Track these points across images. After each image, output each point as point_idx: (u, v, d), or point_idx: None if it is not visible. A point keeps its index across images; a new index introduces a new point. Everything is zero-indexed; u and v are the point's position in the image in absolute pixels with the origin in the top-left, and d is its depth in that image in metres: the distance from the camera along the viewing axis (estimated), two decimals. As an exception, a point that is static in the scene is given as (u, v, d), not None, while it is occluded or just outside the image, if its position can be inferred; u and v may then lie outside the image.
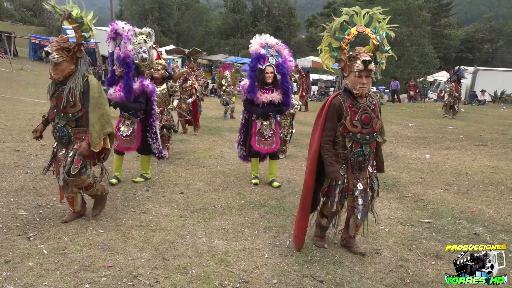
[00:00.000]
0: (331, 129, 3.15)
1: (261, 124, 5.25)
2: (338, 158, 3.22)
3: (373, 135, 3.21)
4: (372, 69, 3.03)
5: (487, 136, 10.77)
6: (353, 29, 3.08)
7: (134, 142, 5.13)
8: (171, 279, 2.88)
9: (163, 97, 6.48)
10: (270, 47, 5.22)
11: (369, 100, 3.21)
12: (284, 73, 5.12)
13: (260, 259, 3.28)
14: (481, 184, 5.94)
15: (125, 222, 3.89)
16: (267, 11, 51.37)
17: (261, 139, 5.25)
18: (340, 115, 3.14)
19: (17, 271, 2.87)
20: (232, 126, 11.31)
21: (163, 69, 6.49)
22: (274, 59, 5.15)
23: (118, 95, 4.97)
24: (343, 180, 3.23)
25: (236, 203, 4.66)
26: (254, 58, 5.15)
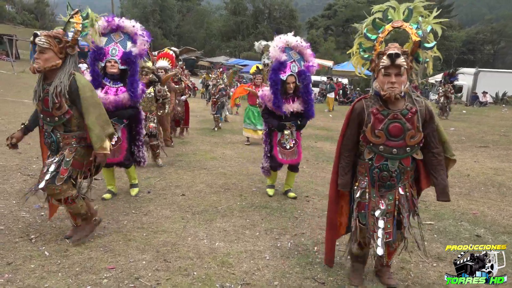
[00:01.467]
0: (349, 136, 2.81)
1: (281, 134, 4.82)
2: (362, 169, 2.82)
3: (405, 150, 2.64)
4: (401, 65, 2.52)
5: (488, 138, 10.75)
6: (388, 25, 2.69)
7: (119, 152, 4.52)
8: (173, 281, 2.88)
9: (148, 102, 6.00)
10: (292, 48, 4.70)
11: (407, 107, 2.63)
12: (307, 82, 4.63)
13: (261, 260, 3.28)
14: (482, 185, 5.93)
15: (126, 224, 3.89)
16: (268, 13, 51.49)
17: (282, 150, 4.82)
18: (361, 122, 2.72)
19: (19, 273, 2.88)
20: (233, 128, 11.32)
21: (150, 72, 6.01)
22: (296, 65, 4.66)
23: (114, 99, 4.32)
24: (363, 195, 2.77)
25: (237, 205, 4.66)
26: (275, 68, 4.64)
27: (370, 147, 2.71)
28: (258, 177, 5.94)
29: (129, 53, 4.38)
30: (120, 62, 4.36)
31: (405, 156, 2.67)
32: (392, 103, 2.64)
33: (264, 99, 4.78)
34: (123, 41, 4.47)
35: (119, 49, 4.42)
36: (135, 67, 4.41)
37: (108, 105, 4.23)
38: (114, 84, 4.40)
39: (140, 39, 4.46)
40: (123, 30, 4.47)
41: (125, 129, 4.58)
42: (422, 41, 2.63)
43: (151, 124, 6.06)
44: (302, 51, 4.71)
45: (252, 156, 7.52)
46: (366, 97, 2.76)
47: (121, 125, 4.53)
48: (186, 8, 54.40)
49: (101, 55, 4.35)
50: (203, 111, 14.56)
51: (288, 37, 4.69)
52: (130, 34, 4.48)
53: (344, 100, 24.19)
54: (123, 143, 4.55)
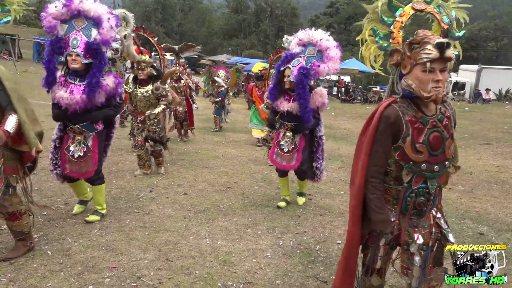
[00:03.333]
0: (382, 155, 2.08)
1: (282, 135, 4.48)
2: (387, 196, 2.14)
3: (444, 165, 2.10)
4: (451, 57, 1.95)
5: (491, 135, 10.71)
6: (408, 7, 2.21)
7: (90, 165, 3.75)
8: (175, 280, 2.88)
9: (145, 101, 5.42)
10: (314, 45, 4.24)
11: (441, 111, 2.09)
12: (301, 81, 4.06)
13: (263, 259, 3.28)
14: (486, 183, 5.90)
15: (128, 223, 3.90)
16: (269, 11, 51.40)
17: (279, 152, 4.46)
18: (396, 134, 2.04)
19: (22, 272, 2.89)
20: (235, 127, 11.32)
21: (148, 66, 5.36)
22: (301, 60, 4.22)
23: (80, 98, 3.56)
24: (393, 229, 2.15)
25: (239, 203, 4.66)
26: (283, 57, 4.37)
27: (410, 167, 2.05)
28: (260, 176, 5.94)
29: (92, 43, 3.55)
30: (83, 55, 3.54)
31: (443, 172, 2.12)
32: (426, 107, 2.07)
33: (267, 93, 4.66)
34: (87, 28, 3.64)
35: (82, 38, 3.58)
36: (99, 59, 3.56)
37: (74, 106, 3.59)
38: (81, 81, 3.62)
39: (105, 24, 3.58)
40: (86, 14, 3.62)
41: (98, 137, 3.83)
42: (449, 29, 2.20)
43: (150, 127, 5.53)
44: (323, 50, 4.18)
45: (254, 155, 7.52)
46: (396, 101, 2.08)
47: (92, 132, 3.78)
48: (188, 7, 54.41)
49: (60, 47, 3.57)
50: (205, 110, 14.54)
51: (315, 32, 4.27)
52: (95, 19, 3.63)
53: (346, 98, 24.12)
54: (93, 154, 3.76)
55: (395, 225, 2.14)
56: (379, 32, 2.25)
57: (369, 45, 2.30)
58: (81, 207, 4.13)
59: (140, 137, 5.56)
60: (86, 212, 4.02)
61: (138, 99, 5.45)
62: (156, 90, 5.36)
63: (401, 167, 2.07)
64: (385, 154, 2.08)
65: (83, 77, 3.62)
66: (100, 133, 3.87)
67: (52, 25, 3.58)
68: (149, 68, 5.37)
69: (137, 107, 5.53)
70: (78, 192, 4.14)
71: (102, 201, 4.05)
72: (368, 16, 2.30)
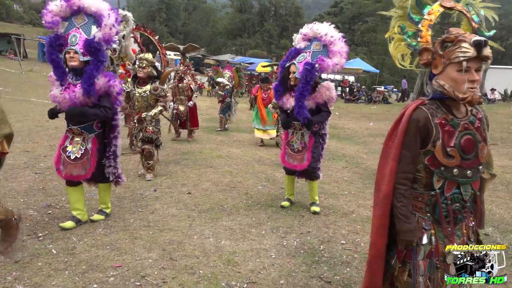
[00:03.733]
0: (411, 160, 1.96)
1: (291, 134, 4.39)
2: (419, 203, 2.00)
3: (478, 170, 1.98)
4: (489, 56, 1.85)
5: (497, 135, 10.64)
6: (436, 4, 2.07)
7: (87, 168, 3.66)
8: (179, 279, 2.88)
9: (142, 101, 5.27)
10: (319, 39, 4.10)
11: (472, 113, 1.99)
12: (306, 76, 3.96)
13: (267, 259, 3.27)
14: (491, 184, 5.86)
15: (133, 223, 3.91)
16: (273, 11, 51.38)
17: (290, 152, 4.39)
18: (426, 138, 1.94)
19: (27, 271, 2.90)
20: (239, 126, 11.32)
21: (149, 66, 5.21)
22: (306, 56, 4.10)
23: (69, 96, 3.47)
24: (430, 239, 1.97)
25: (243, 203, 4.66)
26: (288, 54, 4.26)
27: (441, 172, 1.93)
28: (264, 176, 5.94)
29: (91, 40, 3.47)
30: (81, 52, 3.47)
31: (477, 177, 2.00)
32: (457, 109, 1.97)
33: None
34: (87, 25, 3.57)
35: (81, 35, 3.51)
36: (98, 57, 3.47)
37: (63, 104, 3.53)
38: (77, 80, 3.54)
39: (106, 21, 3.47)
40: (86, 11, 3.56)
41: (97, 139, 3.74)
42: (479, 29, 2.07)
43: (149, 128, 5.33)
44: (327, 45, 4.03)
45: (258, 155, 7.52)
46: (424, 102, 1.96)
47: (91, 134, 3.69)
48: (192, 6, 54.54)
49: (60, 44, 3.53)
50: (209, 109, 14.57)
51: (321, 26, 4.11)
52: (95, 16, 3.55)
53: (351, 98, 24.07)
54: (92, 157, 3.68)
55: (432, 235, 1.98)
56: (407, 30, 2.10)
57: (397, 42, 2.15)
58: (71, 224, 3.69)
59: (139, 138, 5.48)
60: (90, 211, 4.03)
61: (136, 99, 5.31)
62: (154, 90, 5.20)
63: (431, 173, 1.94)
64: (413, 159, 1.96)
65: (81, 75, 3.52)
66: (100, 135, 3.76)
67: (54, 20, 3.51)
68: (150, 67, 5.22)
69: (134, 107, 5.42)
70: (74, 200, 3.78)
71: (107, 200, 4.02)
72: (396, 11, 2.17)
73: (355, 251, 3.48)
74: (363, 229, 3.97)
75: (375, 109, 19.48)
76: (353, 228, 3.99)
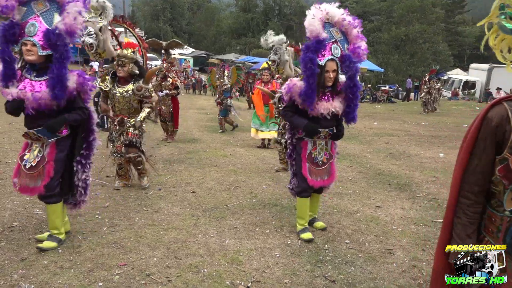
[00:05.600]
0: (479, 169, 1.64)
1: (313, 145, 3.59)
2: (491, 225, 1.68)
3: None
4: None
5: (502, 135, 10.58)
6: None
7: (41, 179, 3.09)
8: (183, 278, 2.89)
9: (124, 102, 4.66)
10: (334, 25, 3.44)
11: None
12: (353, 73, 3.35)
13: (271, 258, 3.28)
14: None
15: (137, 221, 3.92)
16: (278, 10, 51.36)
17: (313, 168, 3.57)
18: (501, 142, 1.58)
19: (33, 269, 2.92)
20: (243, 125, 11.32)
21: (130, 62, 4.57)
22: (338, 48, 3.41)
23: (32, 96, 2.95)
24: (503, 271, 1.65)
25: (247, 202, 4.66)
26: (312, 46, 3.30)
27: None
28: (268, 175, 5.94)
29: (52, 31, 2.91)
30: (40, 45, 2.95)
31: None
32: None
33: (293, 90, 3.45)
34: (48, 12, 3.02)
35: (41, 25, 2.97)
36: (61, 52, 2.94)
37: (28, 105, 2.99)
38: (38, 76, 3.04)
39: (70, 8, 2.93)
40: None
41: (58, 146, 3.17)
42: None
43: (130, 130, 4.73)
44: (348, 30, 3.42)
45: (263, 154, 7.52)
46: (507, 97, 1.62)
47: (51, 139, 3.14)
48: (196, 6, 54.62)
49: (14, 34, 2.93)
50: (214, 108, 14.56)
51: (330, 7, 3.42)
52: (58, 2, 3.02)
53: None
54: (48, 165, 3.10)
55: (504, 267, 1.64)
56: (507, 10, 1.63)
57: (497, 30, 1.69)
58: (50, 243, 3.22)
59: (119, 142, 4.76)
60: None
61: (117, 100, 4.66)
62: (138, 90, 4.60)
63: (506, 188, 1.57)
64: (483, 168, 1.62)
65: (41, 71, 3.03)
66: (62, 140, 3.20)
67: (8, 4, 2.88)
68: (131, 64, 4.59)
69: (114, 108, 4.77)
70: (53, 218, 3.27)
71: (59, 224, 3.28)
72: None
73: (359, 250, 3.48)
74: (367, 229, 3.96)
75: (380, 108, 19.41)
76: (358, 228, 3.99)
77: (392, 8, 40.41)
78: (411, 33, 37.63)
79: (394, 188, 5.44)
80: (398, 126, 12.34)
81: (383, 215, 4.38)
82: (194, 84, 26.35)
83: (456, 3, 48.95)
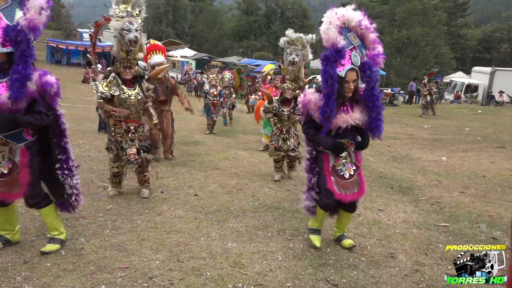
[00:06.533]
0: None
1: (335, 157, 3.36)
2: None
3: None
4: None
5: (505, 138, 10.56)
6: None
7: (18, 185, 2.98)
8: (186, 281, 2.90)
9: (138, 105, 4.38)
10: (350, 29, 3.22)
11: None
12: (374, 82, 3.19)
13: (274, 261, 3.28)
14: (499, 187, 5.82)
15: (140, 224, 3.93)
16: (280, 13, 51.43)
17: (339, 181, 3.32)
18: None
19: (35, 271, 2.93)
20: (245, 129, 11.34)
21: (136, 63, 4.39)
22: (357, 55, 3.20)
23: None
24: None
25: (249, 205, 4.66)
26: (331, 57, 3.05)
27: None
28: (270, 178, 5.94)
29: (13, 28, 2.77)
30: (0, 42, 2.80)
31: None
32: None
33: (309, 107, 3.29)
34: (10, 9, 2.89)
35: (1, 21, 2.84)
36: (23, 49, 2.77)
37: None
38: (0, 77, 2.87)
39: (32, 2, 2.80)
40: None
41: (29, 150, 3.02)
42: None
43: (140, 134, 4.50)
44: (365, 34, 3.23)
45: (265, 157, 7.51)
46: None
47: (20, 143, 2.99)
48: (198, 8, 54.75)
49: None
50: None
51: (347, 12, 3.18)
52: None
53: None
54: (22, 173, 2.97)
55: None
56: None
57: None
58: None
59: (133, 149, 4.44)
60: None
61: (132, 104, 4.33)
62: (148, 91, 4.46)
63: None
64: None
65: (2, 72, 2.87)
66: (33, 144, 3.05)
67: None
68: (137, 66, 4.39)
69: None
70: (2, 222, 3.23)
71: (57, 224, 3.29)
72: None
73: (361, 254, 3.47)
74: (369, 232, 3.96)
75: (382, 111, 19.34)
76: (360, 231, 3.98)
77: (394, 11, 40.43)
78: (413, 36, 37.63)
79: (397, 192, 5.44)
80: (401, 129, 12.33)
81: (386, 218, 4.38)
82: (196, 86, 26.36)
83: (458, 6, 48.97)
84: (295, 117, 5.56)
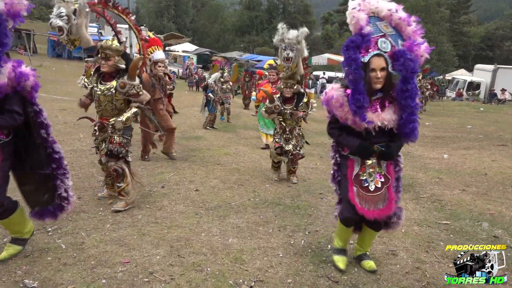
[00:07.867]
0: None
1: (361, 165, 2.91)
2: None
3: None
4: None
5: (507, 136, 10.53)
6: None
7: None
8: (186, 276, 2.89)
9: (106, 102, 3.93)
10: (381, 18, 2.83)
11: None
12: (409, 73, 2.64)
13: (274, 258, 3.27)
14: (500, 185, 5.81)
15: (141, 219, 3.92)
16: (282, 8, 51.31)
17: (362, 193, 2.85)
18: None
19: (36, 265, 2.93)
20: (246, 124, 11.33)
21: (116, 55, 3.87)
22: (387, 42, 2.75)
23: None
24: None
25: (250, 201, 4.66)
26: (353, 42, 2.68)
27: None
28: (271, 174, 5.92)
29: None
30: None
31: None
32: None
33: (330, 104, 2.87)
34: None
35: None
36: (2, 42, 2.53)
37: None
38: None
39: None
40: None
41: (3, 151, 2.72)
42: None
43: (115, 138, 3.96)
44: (400, 25, 2.81)
45: (266, 153, 7.50)
46: None
47: None
48: (200, 3, 54.62)
49: None
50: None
51: (377, 1, 2.81)
52: None
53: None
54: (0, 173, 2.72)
55: None
56: None
57: None
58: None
59: (103, 151, 4.04)
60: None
61: (97, 99, 3.95)
62: (122, 87, 3.83)
63: None
64: None
65: None
66: (6, 145, 2.75)
67: None
68: (117, 58, 3.89)
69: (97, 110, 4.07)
70: None
71: (20, 228, 3.03)
72: None
73: (363, 251, 3.46)
74: (371, 229, 3.95)
75: (383, 108, 19.32)
76: (361, 228, 3.97)
77: (398, 7, 40.23)
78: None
79: (398, 189, 5.42)
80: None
81: (387, 215, 4.36)
82: (198, 81, 26.32)
83: (461, 3, 48.79)
84: (298, 113, 5.27)
